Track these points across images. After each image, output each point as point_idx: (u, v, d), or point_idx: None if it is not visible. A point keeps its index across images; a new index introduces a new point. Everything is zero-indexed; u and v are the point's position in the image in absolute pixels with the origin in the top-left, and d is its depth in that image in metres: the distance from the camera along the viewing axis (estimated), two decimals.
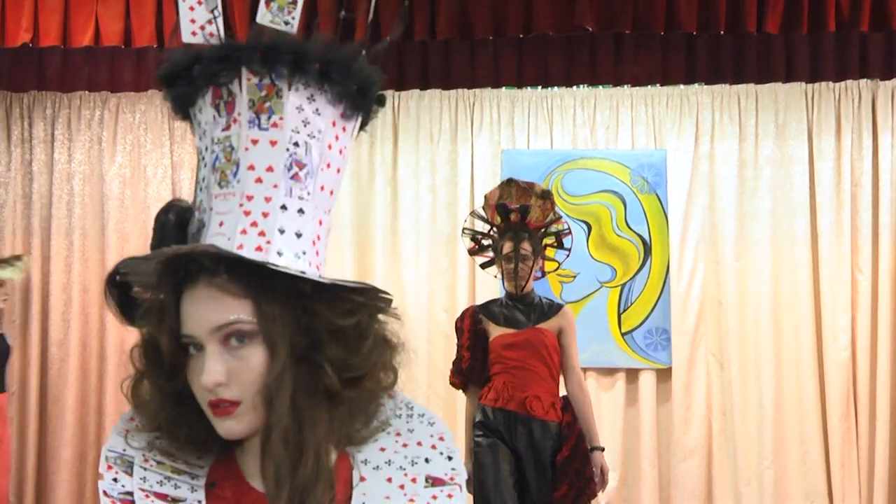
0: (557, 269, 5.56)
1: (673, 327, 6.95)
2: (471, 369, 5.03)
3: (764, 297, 6.96)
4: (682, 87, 7.11)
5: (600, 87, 7.16)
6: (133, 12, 6.85)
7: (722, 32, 6.62)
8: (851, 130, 6.98)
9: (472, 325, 5.06)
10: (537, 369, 4.94)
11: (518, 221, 5.04)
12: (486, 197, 5.29)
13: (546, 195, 5.15)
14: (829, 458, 6.85)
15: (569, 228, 5.26)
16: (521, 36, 6.69)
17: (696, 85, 7.07)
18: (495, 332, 5.04)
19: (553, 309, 5.07)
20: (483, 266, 5.41)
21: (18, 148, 7.36)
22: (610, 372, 7.05)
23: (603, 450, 5.10)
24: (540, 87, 7.18)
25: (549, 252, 5.25)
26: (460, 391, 5.28)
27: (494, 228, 5.15)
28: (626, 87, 7.11)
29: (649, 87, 7.10)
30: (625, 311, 7.02)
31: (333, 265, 7.12)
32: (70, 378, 7.12)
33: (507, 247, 4.98)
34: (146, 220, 7.20)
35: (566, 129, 7.21)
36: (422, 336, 7.05)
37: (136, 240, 7.19)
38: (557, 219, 5.18)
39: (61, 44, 6.90)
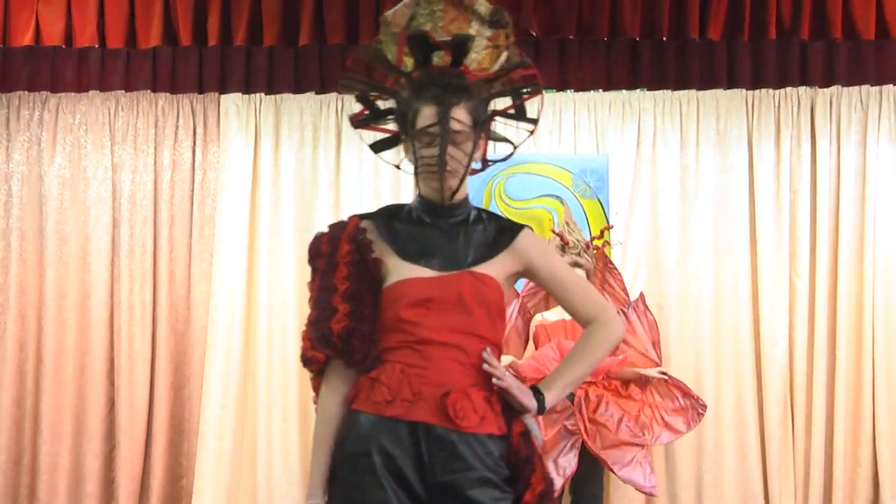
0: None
1: None
2: (349, 334, 2.81)
3: (704, 302, 6.99)
4: (624, 92, 7.11)
5: (544, 91, 7.13)
6: (75, 12, 6.81)
7: (665, 39, 6.67)
8: (791, 137, 7.02)
9: (351, 252, 2.86)
10: (466, 346, 2.82)
11: (447, 68, 2.90)
12: (385, 19, 2.99)
13: (498, 19, 2.98)
14: (766, 462, 6.89)
15: (538, 84, 3.08)
16: None
17: (638, 91, 7.09)
18: (395, 271, 2.86)
19: (505, 234, 2.94)
20: (376, 149, 3.09)
21: None
22: None
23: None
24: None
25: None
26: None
27: (404, 79, 2.95)
28: (569, 92, 7.11)
29: (592, 92, 7.10)
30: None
31: (275, 269, 7.09)
32: (6, 381, 7.00)
33: (427, 115, 2.83)
34: (86, 221, 7.13)
35: (509, 133, 7.16)
36: None
37: (75, 241, 7.11)
38: (524, 65, 3.03)
39: (1, 43, 6.83)
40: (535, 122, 3.10)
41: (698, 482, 6.93)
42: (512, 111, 3.06)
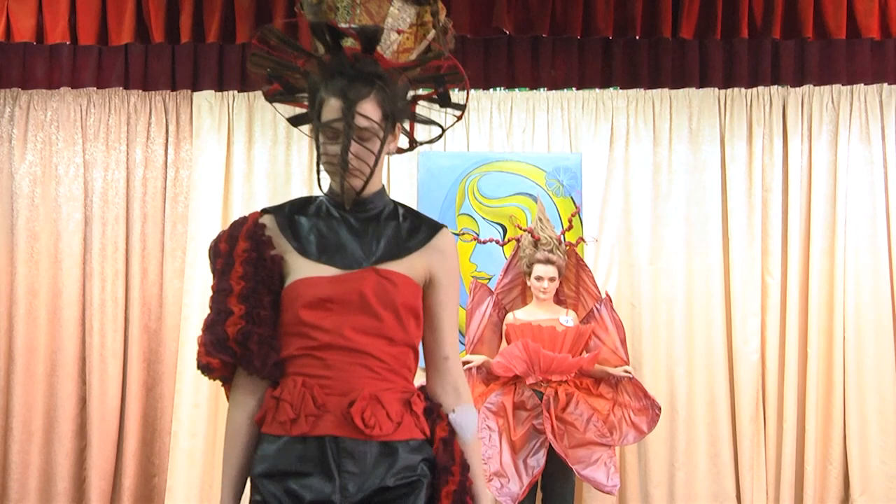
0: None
1: None
2: (245, 337, 2.59)
3: (677, 300, 7.02)
4: (598, 91, 7.14)
5: (517, 90, 7.17)
6: (46, 8, 6.73)
7: (638, 38, 6.67)
8: (763, 136, 7.06)
9: (248, 249, 2.65)
10: (373, 350, 2.61)
11: (359, 54, 2.63)
12: None
13: None
14: (737, 459, 6.92)
15: (460, 74, 2.79)
16: None
17: (611, 89, 7.11)
18: (296, 269, 2.65)
19: (421, 231, 2.73)
20: (294, 122, 2.87)
21: None
22: None
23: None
24: (457, 90, 7.12)
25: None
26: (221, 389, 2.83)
27: (316, 62, 2.68)
28: (542, 90, 7.11)
29: (566, 90, 7.12)
30: None
31: None
32: None
33: (331, 108, 2.59)
34: (57, 218, 7.10)
35: (483, 131, 7.22)
36: None
37: (46, 239, 7.07)
38: (439, 57, 2.75)
39: None
40: (461, 107, 2.85)
41: (670, 479, 6.97)
42: (435, 97, 2.83)
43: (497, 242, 6.61)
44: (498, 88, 7.17)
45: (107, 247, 7.11)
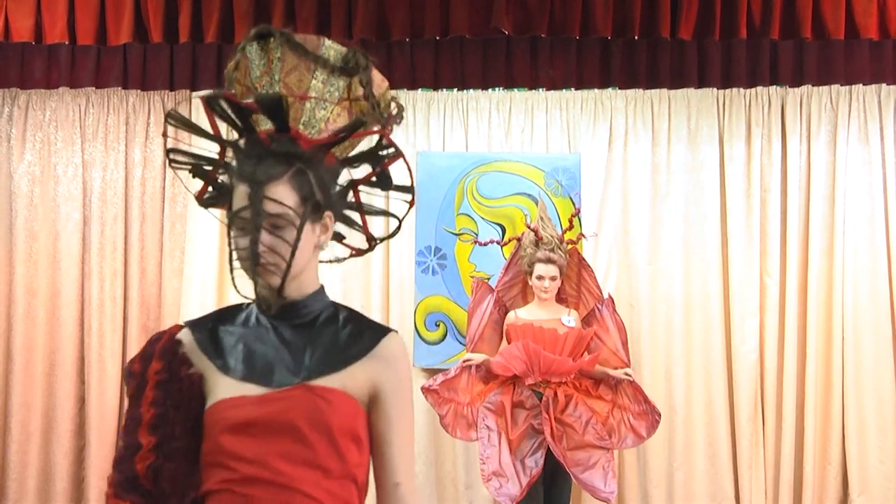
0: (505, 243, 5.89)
1: None
2: (156, 474, 2.24)
3: (675, 301, 7.01)
4: (596, 91, 7.13)
5: (516, 90, 7.17)
6: (44, 8, 6.73)
7: (636, 38, 6.67)
8: (761, 136, 7.05)
9: (161, 370, 2.30)
10: (304, 484, 2.21)
11: (274, 134, 2.28)
12: (227, 75, 2.41)
13: (352, 65, 2.33)
14: (736, 459, 6.92)
15: (395, 148, 2.40)
16: (438, 38, 6.68)
17: (610, 89, 7.10)
18: (217, 389, 2.29)
19: (362, 339, 2.32)
20: (205, 205, 2.51)
21: None
22: None
23: None
24: (456, 90, 7.17)
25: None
26: None
27: (230, 148, 2.37)
28: (541, 90, 7.11)
29: (564, 90, 7.12)
30: None
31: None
32: None
33: (239, 195, 2.25)
34: (55, 218, 7.10)
35: (481, 131, 7.21)
36: None
37: (45, 239, 7.08)
38: (359, 125, 2.31)
39: None
40: (410, 189, 2.42)
41: (669, 480, 6.96)
42: (374, 179, 2.40)
43: (497, 243, 6.60)
44: (496, 88, 7.16)
45: (105, 246, 7.11)
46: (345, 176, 2.37)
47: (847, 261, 6.93)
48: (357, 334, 2.29)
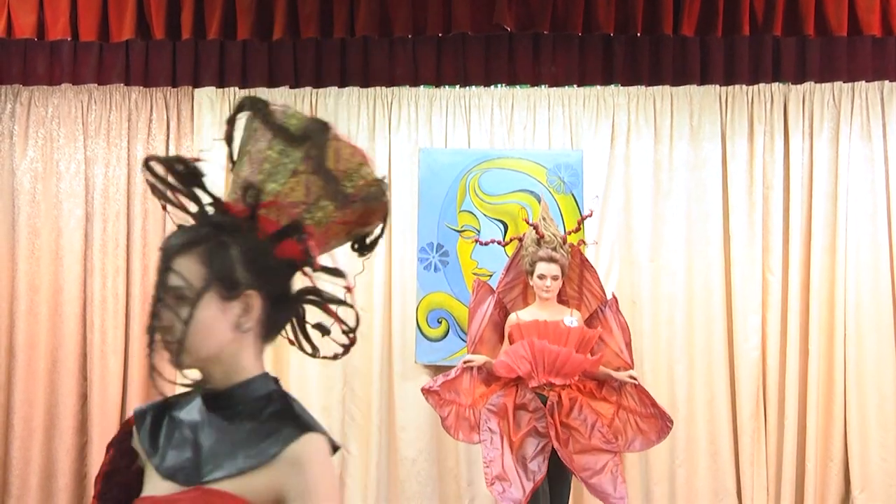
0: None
1: None
2: None
3: (677, 298, 7.01)
4: (598, 87, 7.12)
5: (518, 87, 7.16)
6: (47, 4, 6.73)
7: (639, 34, 6.66)
8: (764, 133, 7.04)
9: (109, 461, 2.26)
10: None
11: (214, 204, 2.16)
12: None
13: (307, 135, 2.16)
14: (738, 456, 6.91)
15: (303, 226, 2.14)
16: (441, 35, 6.66)
17: (612, 86, 7.09)
18: (147, 486, 2.16)
19: (275, 439, 2.06)
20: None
21: None
22: None
23: None
24: (458, 86, 7.16)
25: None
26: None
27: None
28: (543, 87, 7.10)
29: (567, 87, 7.11)
30: None
31: None
32: None
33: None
34: (58, 215, 7.11)
35: (483, 128, 7.20)
36: (339, 336, 7.00)
37: (47, 236, 7.08)
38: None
39: None
40: (341, 274, 2.18)
41: (671, 477, 6.96)
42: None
43: (499, 243, 6.58)
44: (499, 85, 7.15)
45: (108, 243, 7.11)
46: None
47: (849, 258, 6.92)
48: (272, 433, 2.05)
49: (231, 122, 2.19)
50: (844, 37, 6.45)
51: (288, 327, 2.20)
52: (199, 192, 2.11)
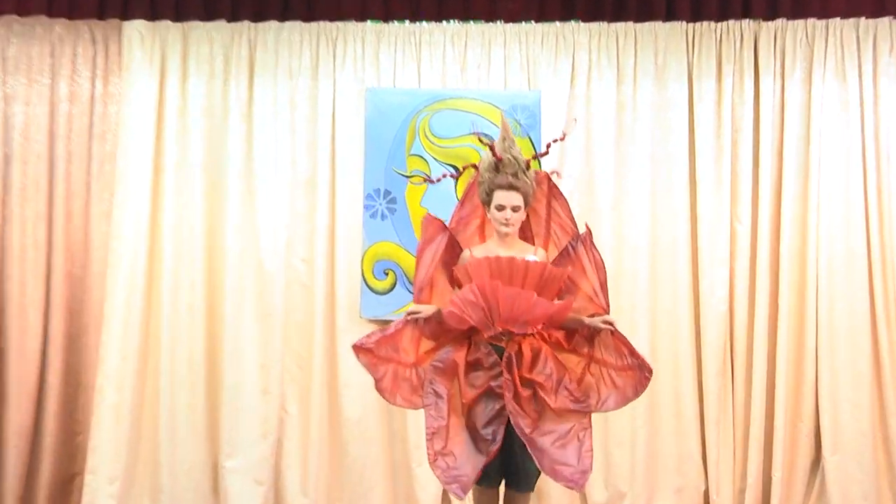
0: None
1: None
2: None
3: (640, 247, 6.70)
4: (558, 24, 6.76)
5: (472, 22, 6.78)
6: None
7: None
8: (733, 73, 6.72)
9: None
10: None
11: None
12: None
13: None
14: (703, 416, 6.64)
15: None
16: None
17: (572, 22, 6.74)
18: None
19: None
20: None
21: None
22: None
23: None
24: (408, 22, 6.78)
25: None
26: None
27: None
28: (499, 23, 6.75)
29: (524, 23, 6.74)
30: None
31: (182, 209, 6.70)
32: None
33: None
34: None
35: (435, 66, 6.82)
36: (278, 288, 6.64)
37: None
38: None
39: None
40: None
41: (632, 438, 6.67)
42: None
43: (451, 176, 5.93)
44: (451, 21, 6.78)
45: (28, 187, 6.73)
46: None
47: (822, 206, 6.62)
48: None
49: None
50: None
51: None
52: None
